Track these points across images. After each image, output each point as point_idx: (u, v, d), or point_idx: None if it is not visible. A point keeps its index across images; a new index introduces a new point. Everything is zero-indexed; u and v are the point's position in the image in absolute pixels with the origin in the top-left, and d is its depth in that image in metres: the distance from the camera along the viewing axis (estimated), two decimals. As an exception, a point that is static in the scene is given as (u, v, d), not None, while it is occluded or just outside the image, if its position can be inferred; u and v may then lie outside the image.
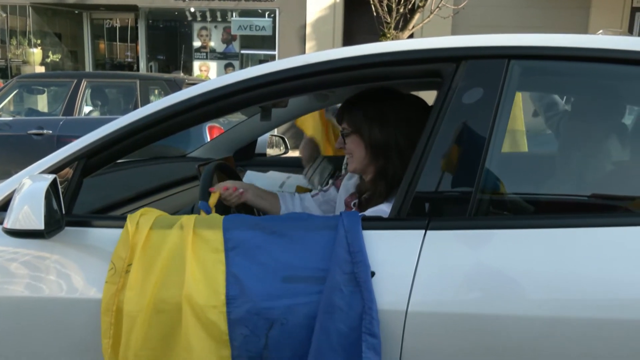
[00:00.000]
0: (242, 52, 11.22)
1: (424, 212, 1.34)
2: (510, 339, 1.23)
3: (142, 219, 1.39)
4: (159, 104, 1.49)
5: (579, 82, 1.58)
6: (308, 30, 10.32)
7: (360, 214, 1.37)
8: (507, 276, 1.25)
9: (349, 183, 1.83)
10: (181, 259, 1.32)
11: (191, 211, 2.05)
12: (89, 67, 11.99)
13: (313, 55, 1.46)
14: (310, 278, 1.28)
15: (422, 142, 1.36)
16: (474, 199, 1.31)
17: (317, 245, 1.31)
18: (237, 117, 5.18)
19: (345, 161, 2.50)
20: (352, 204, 1.72)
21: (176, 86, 5.73)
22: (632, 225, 1.27)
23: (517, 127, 2.06)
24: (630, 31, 9.34)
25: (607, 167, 1.67)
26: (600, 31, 1.59)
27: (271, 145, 3.52)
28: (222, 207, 1.77)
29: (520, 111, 2.09)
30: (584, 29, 9.28)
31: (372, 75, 1.47)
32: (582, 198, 1.52)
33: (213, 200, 1.69)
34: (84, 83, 5.93)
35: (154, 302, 1.32)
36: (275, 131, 4.66)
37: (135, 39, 11.89)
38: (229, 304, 1.28)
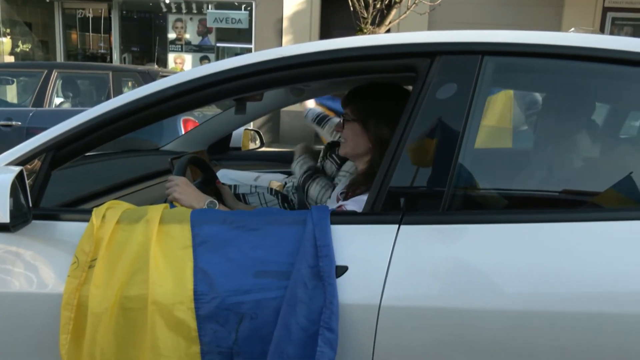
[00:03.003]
0: (218, 45, 11.09)
1: (398, 207, 1.34)
2: (483, 332, 1.24)
3: (109, 212, 1.36)
4: (130, 95, 1.46)
5: (551, 79, 1.59)
6: (285, 24, 10.26)
7: (331, 208, 1.37)
8: (480, 270, 1.27)
9: (342, 185, 1.83)
10: (148, 255, 1.29)
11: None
12: (60, 57, 11.72)
13: (287, 48, 1.45)
14: (279, 273, 1.28)
15: (396, 136, 1.36)
16: (447, 193, 1.32)
17: (287, 239, 1.30)
18: (212, 110, 5.14)
19: (322, 153, 2.49)
20: (339, 194, 1.73)
21: (150, 78, 5.64)
22: (602, 220, 1.29)
23: (505, 124, 2.06)
24: (601, 30, 9.52)
25: (578, 163, 1.70)
26: (572, 29, 1.61)
27: (246, 139, 3.49)
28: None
29: (510, 109, 2.08)
30: (557, 27, 9.43)
31: (347, 70, 1.47)
32: (554, 193, 1.55)
33: None
34: (54, 74, 5.80)
35: (120, 299, 1.29)
36: (252, 125, 4.63)
37: (108, 30, 11.67)
38: (197, 300, 1.27)
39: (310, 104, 3.20)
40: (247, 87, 1.48)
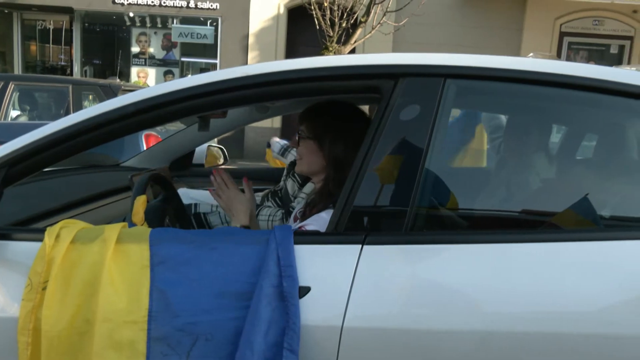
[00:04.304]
0: (183, 59, 11.01)
1: (361, 227, 1.34)
2: (448, 353, 1.25)
3: (63, 231, 1.31)
4: (90, 111, 1.43)
5: (510, 102, 1.63)
6: (251, 40, 10.27)
7: (294, 228, 1.36)
8: (443, 291, 1.27)
9: (300, 205, 1.82)
10: (102, 275, 1.25)
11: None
12: (18, 69, 11.40)
13: (252, 67, 1.44)
14: (240, 292, 1.25)
15: (360, 157, 1.36)
16: (410, 214, 1.33)
17: (248, 259, 1.28)
18: (175, 126, 5.07)
19: (285, 172, 2.48)
20: (297, 212, 1.72)
21: (112, 92, 5.54)
22: (560, 241, 1.31)
23: (481, 146, 2.10)
24: (558, 53, 9.88)
25: (537, 183, 1.73)
26: (531, 54, 1.66)
27: (210, 156, 3.44)
28: (157, 218, 1.71)
29: (483, 132, 2.13)
30: (516, 49, 9.74)
31: (312, 89, 1.47)
32: (514, 214, 1.57)
33: (139, 212, 1.60)
34: (11, 86, 5.64)
35: (74, 322, 1.25)
36: (216, 141, 4.58)
37: (69, 42, 11.43)
38: (151, 321, 1.23)
39: (276, 139, 3.35)
40: (211, 105, 1.47)
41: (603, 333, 1.21)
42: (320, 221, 1.48)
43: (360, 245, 1.30)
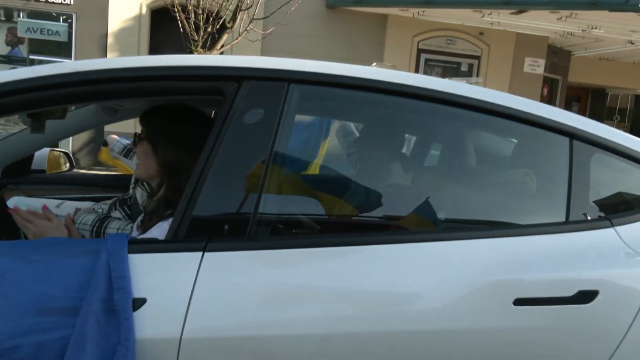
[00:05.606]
0: (32, 57, 10.08)
1: (203, 234, 1.29)
2: (288, 357, 1.24)
3: None
4: None
5: (352, 108, 1.68)
6: (110, 40, 9.70)
7: (130, 236, 1.28)
8: (286, 296, 1.26)
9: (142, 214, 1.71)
10: None
11: None
12: None
13: (84, 62, 1.34)
14: (65, 309, 1.15)
15: (201, 161, 1.31)
16: (253, 219, 1.30)
17: (75, 271, 1.18)
18: (19, 127, 4.60)
19: (132, 179, 2.35)
20: (139, 222, 1.61)
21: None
22: (404, 242, 1.36)
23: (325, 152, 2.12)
24: (416, 68, 10.57)
25: (383, 188, 1.80)
26: (374, 64, 1.72)
27: (51, 161, 3.16)
28: None
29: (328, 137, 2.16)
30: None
31: (152, 89, 1.40)
32: (361, 218, 1.61)
33: None
34: None
35: None
36: (70, 143, 4.21)
37: None
38: None
39: (115, 137, 3.08)
40: (35, 103, 1.33)
41: (439, 329, 1.27)
42: (162, 231, 1.39)
43: (201, 253, 1.25)
